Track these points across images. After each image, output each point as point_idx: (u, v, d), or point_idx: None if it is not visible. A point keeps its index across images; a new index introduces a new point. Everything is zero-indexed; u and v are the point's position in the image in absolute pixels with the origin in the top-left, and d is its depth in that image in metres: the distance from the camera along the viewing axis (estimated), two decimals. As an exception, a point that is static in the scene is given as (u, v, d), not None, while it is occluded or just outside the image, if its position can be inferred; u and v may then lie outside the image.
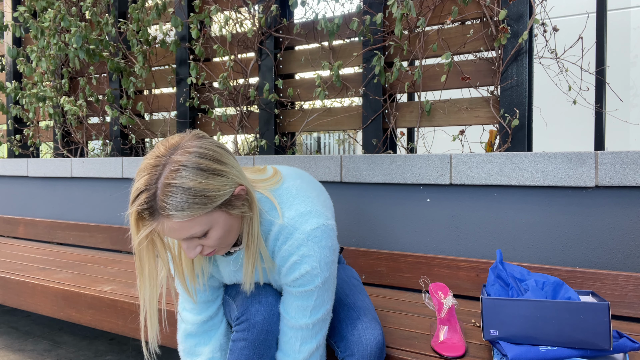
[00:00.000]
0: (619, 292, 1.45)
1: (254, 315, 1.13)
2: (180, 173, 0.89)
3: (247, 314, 1.14)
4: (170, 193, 0.88)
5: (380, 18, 1.96)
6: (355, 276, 1.43)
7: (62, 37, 2.71)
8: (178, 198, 0.88)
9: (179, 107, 2.62)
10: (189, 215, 0.89)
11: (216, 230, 0.96)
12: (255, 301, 1.15)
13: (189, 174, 0.89)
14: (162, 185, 0.88)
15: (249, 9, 2.34)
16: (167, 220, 0.89)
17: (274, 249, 1.07)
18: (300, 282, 1.06)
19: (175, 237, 0.93)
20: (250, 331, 1.12)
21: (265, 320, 1.13)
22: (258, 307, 1.14)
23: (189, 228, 0.91)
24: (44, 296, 1.89)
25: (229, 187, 0.94)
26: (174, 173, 0.88)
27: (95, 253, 2.57)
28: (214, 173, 0.92)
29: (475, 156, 1.69)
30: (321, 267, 1.04)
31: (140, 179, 0.89)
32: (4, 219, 3.13)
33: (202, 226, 0.93)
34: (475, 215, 1.73)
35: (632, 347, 1.10)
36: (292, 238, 1.04)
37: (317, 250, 1.03)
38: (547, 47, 1.88)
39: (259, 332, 1.12)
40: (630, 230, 1.49)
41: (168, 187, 0.88)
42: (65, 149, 3.13)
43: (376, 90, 2.09)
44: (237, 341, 1.14)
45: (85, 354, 2.19)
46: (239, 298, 1.20)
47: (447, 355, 1.18)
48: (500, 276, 1.32)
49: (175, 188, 0.88)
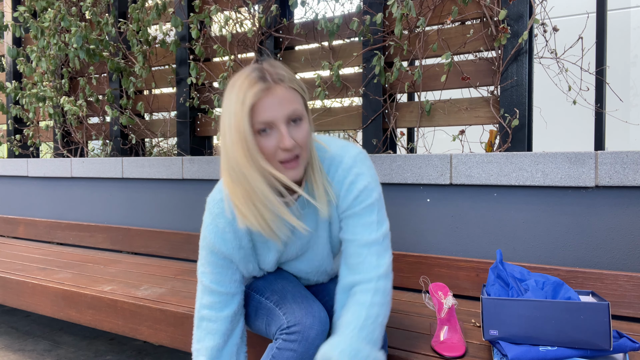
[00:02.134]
0: (619, 292, 1.45)
1: (309, 329, 1.11)
2: (274, 60, 1.06)
3: (300, 326, 1.11)
4: (276, 66, 1.03)
5: (380, 18, 1.96)
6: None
7: (62, 37, 2.71)
8: (283, 71, 1.03)
9: (179, 107, 2.62)
10: (295, 84, 1.03)
11: (306, 124, 1.04)
12: (310, 314, 1.13)
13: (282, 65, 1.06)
14: (267, 65, 1.03)
15: (249, 9, 2.34)
16: (279, 86, 1.00)
17: (330, 179, 1.13)
18: (361, 198, 1.12)
19: (281, 112, 1.00)
20: (301, 343, 1.10)
21: (318, 335, 1.11)
22: (313, 321, 1.12)
23: (293, 100, 1.01)
24: (44, 296, 1.89)
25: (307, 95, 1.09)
26: (272, 61, 1.06)
27: (95, 253, 2.57)
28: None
29: (475, 156, 1.69)
30: (374, 182, 1.14)
31: (242, 73, 1.03)
32: (4, 219, 3.13)
33: (300, 106, 1.03)
34: (475, 215, 1.73)
35: (632, 347, 1.10)
36: (342, 163, 1.12)
37: (365, 169, 1.13)
38: (547, 47, 1.88)
39: (310, 346, 1.10)
40: (630, 230, 1.49)
41: (272, 65, 1.03)
42: (65, 149, 3.13)
43: (376, 90, 2.09)
44: (284, 350, 1.11)
45: (85, 354, 2.19)
46: (286, 306, 1.16)
47: (447, 355, 1.18)
48: (500, 276, 1.32)
49: (278, 64, 1.04)
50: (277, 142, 1.01)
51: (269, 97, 0.99)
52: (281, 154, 1.01)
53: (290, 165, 1.02)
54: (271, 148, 1.01)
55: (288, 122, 1.01)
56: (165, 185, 2.49)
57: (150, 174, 2.49)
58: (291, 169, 1.03)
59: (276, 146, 1.01)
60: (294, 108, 1.01)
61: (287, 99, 1.01)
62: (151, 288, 1.83)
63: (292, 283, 1.26)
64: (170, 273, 2.08)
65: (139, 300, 1.67)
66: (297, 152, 1.02)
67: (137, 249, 2.51)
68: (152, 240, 2.45)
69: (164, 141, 2.93)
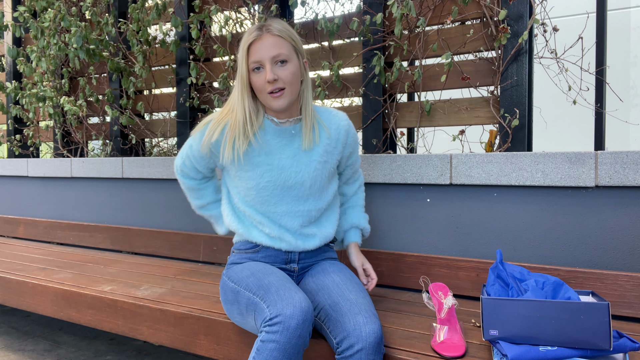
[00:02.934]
0: (619, 292, 1.45)
1: (289, 318, 1.13)
2: (279, 19, 1.37)
3: (281, 316, 1.13)
4: (274, 22, 1.34)
5: (380, 18, 1.96)
6: (355, 277, 1.45)
7: (62, 37, 2.71)
8: (279, 25, 1.33)
9: (179, 107, 2.62)
10: (283, 34, 1.31)
11: (291, 66, 1.32)
12: (290, 305, 1.15)
13: (285, 23, 1.37)
14: (268, 21, 1.34)
15: (249, 9, 2.34)
16: (269, 34, 1.31)
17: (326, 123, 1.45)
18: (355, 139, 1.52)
19: (267, 53, 1.29)
20: (283, 334, 1.12)
21: (299, 325, 1.13)
22: (293, 310, 1.14)
23: (279, 45, 1.30)
24: (44, 296, 1.89)
25: (302, 49, 1.38)
26: (276, 19, 1.36)
27: (95, 253, 2.57)
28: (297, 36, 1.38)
29: (475, 156, 1.69)
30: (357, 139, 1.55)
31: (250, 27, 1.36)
32: (4, 219, 3.14)
33: (287, 51, 1.31)
34: (475, 215, 1.73)
35: (632, 347, 1.10)
36: (338, 116, 1.49)
37: (354, 128, 1.53)
38: (547, 47, 1.88)
39: (292, 336, 1.12)
40: (630, 230, 1.49)
41: (273, 21, 1.34)
42: (65, 149, 3.13)
43: (376, 90, 2.09)
44: (266, 342, 1.13)
45: (85, 354, 2.19)
46: (270, 299, 1.20)
47: (447, 355, 1.18)
48: (500, 276, 1.32)
49: (278, 21, 1.35)
50: (264, 78, 1.30)
51: (260, 42, 1.31)
52: (267, 86, 1.31)
53: (275, 96, 1.32)
54: (260, 82, 1.32)
55: (274, 62, 1.31)
56: (165, 185, 2.49)
57: (150, 174, 2.49)
58: (275, 98, 1.32)
59: (264, 81, 1.31)
60: (279, 52, 1.30)
61: (275, 44, 1.30)
62: (151, 288, 1.83)
63: (278, 277, 1.30)
64: (170, 273, 2.08)
65: (139, 300, 1.67)
66: (280, 85, 1.31)
67: (137, 249, 2.51)
68: (152, 240, 2.45)
69: (164, 141, 2.93)
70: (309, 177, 1.41)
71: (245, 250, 1.48)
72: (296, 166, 1.40)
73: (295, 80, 1.33)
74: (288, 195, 1.42)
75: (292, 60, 1.33)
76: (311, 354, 1.33)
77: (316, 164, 1.42)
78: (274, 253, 1.45)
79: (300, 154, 1.42)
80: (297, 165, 1.41)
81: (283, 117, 1.41)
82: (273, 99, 1.32)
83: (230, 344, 1.46)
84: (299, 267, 1.47)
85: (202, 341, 1.51)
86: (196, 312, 1.53)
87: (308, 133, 1.40)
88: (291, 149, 1.41)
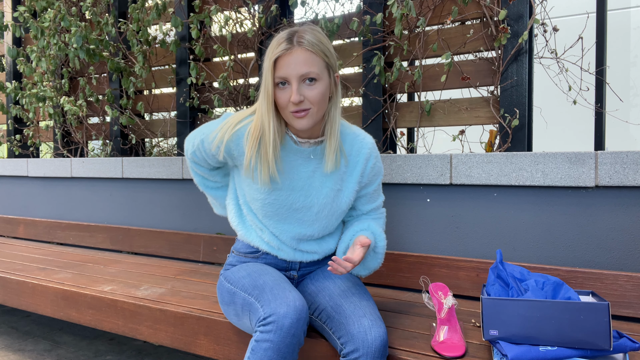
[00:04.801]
0: (619, 292, 1.45)
1: (283, 318, 1.12)
2: (313, 27, 1.25)
3: (275, 316, 1.13)
4: (307, 31, 1.21)
5: (380, 18, 1.96)
6: (357, 278, 1.46)
7: (62, 37, 2.71)
8: (311, 37, 1.20)
9: (179, 107, 2.62)
10: (315, 48, 1.19)
11: (320, 85, 1.21)
12: (284, 304, 1.15)
13: (318, 31, 1.24)
14: (301, 29, 1.22)
15: (249, 9, 2.34)
16: (300, 48, 1.19)
17: (349, 147, 1.36)
18: (376, 170, 1.39)
19: (295, 70, 1.18)
20: (276, 333, 1.11)
21: (293, 324, 1.13)
22: (287, 310, 1.13)
23: (310, 63, 1.19)
24: (44, 296, 1.89)
25: (335, 62, 1.26)
26: (308, 27, 1.24)
27: (95, 253, 2.57)
28: (331, 46, 1.26)
29: (475, 156, 1.69)
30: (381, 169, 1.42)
31: (280, 33, 1.23)
32: (4, 219, 3.13)
33: (317, 69, 1.20)
34: (475, 215, 1.73)
35: (632, 347, 1.10)
36: (362, 140, 1.37)
37: (378, 157, 1.41)
38: (547, 47, 1.88)
39: (286, 335, 1.12)
40: (630, 230, 1.49)
41: (306, 29, 1.22)
42: (65, 149, 3.13)
43: (376, 90, 2.09)
44: (260, 342, 1.13)
45: (85, 354, 2.19)
46: (264, 299, 1.19)
47: (447, 355, 1.18)
48: (500, 276, 1.32)
49: (310, 30, 1.22)
50: (289, 96, 1.20)
51: (288, 56, 1.19)
52: (291, 106, 1.21)
53: (298, 115, 1.21)
54: (284, 100, 1.21)
55: (302, 80, 1.20)
56: (165, 185, 2.49)
57: (150, 174, 2.49)
58: (299, 118, 1.22)
59: (288, 99, 1.20)
60: (309, 70, 1.18)
61: (304, 61, 1.18)
62: (151, 288, 1.83)
63: (273, 277, 1.29)
64: (170, 273, 2.08)
65: (139, 300, 1.67)
66: (306, 106, 1.21)
67: (137, 249, 2.51)
68: (152, 240, 2.45)
69: (164, 141, 2.93)
70: (317, 203, 1.33)
71: (245, 254, 1.46)
72: (307, 190, 1.33)
73: (323, 100, 1.23)
74: (293, 217, 1.35)
75: (322, 79, 1.21)
76: (311, 354, 1.33)
77: (328, 191, 1.33)
78: (273, 261, 1.43)
79: (314, 177, 1.33)
80: (308, 189, 1.33)
81: (304, 136, 1.31)
82: (296, 119, 1.22)
83: (230, 344, 1.46)
84: (298, 274, 1.46)
85: (202, 341, 1.51)
86: (196, 312, 1.53)
87: (331, 155, 1.29)
88: (306, 170, 1.33)
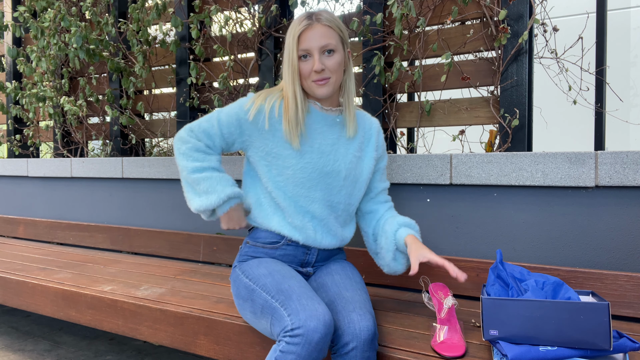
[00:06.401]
0: (619, 292, 1.45)
1: (312, 332, 1.11)
2: (327, 10, 1.42)
3: (304, 329, 1.11)
4: (323, 12, 1.38)
5: (380, 18, 1.96)
6: (358, 274, 1.47)
7: (62, 37, 2.71)
8: (328, 15, 1.38)
9: (179, 107, 2.62)
10: (332, 24, 1.36)
11: (338, 56, 1.37)
12: (314, 317, 1.13)
13: (332, 13, 1.41)
14: (319, 11, 1.39)
15: (249, 9, 2.34)
16: (319, 23, 1.35)
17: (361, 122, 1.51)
18: (383, 147, 1.56)
19: (316, 42, 1.34)
20: (304, 347, 1.10)
21: (321, 339, 1.12)
22: (317, 324, 1.12)
23: (328, 36, 1.35)
24: (44, 296, 1.89)
25: (347, 39, 1.42)
26: (322, 9, 1.41)
27: (95, 253, 2.57)
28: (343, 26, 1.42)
29: (475, 156, 1.69)
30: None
31: (299, 16, 1.39)
32: (4, 219, 3.13)
33: (334, 41, 1.36)
34: (475, 215, 1.73)
35: (632, 347, 1.10)
36: (369, 117, 1.56)
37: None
38: (547, 47, 1.88)
39: (313, 350, 1.11)
40: (630, 230, 1.49)
41: (322, 11, 1.39)
42: (65, 149, 3.13)
43: (376, 90, 2.09)
44: (286, 353, 1.11)
45: (85, 354, 2.19)
46: (291, 307, 1.17)
47: (447, 355, 1.18)
48: (500, 276, 1.32)
49: (326, 11, 1.40)
50: (312, 66, 1.35)
51: (310, 31, 1.34)
52: (314, 75, 1.36)
53: (320, 83, 1.36)
54: (307, 70, 1.36)
55: (322, 51, 1.35)
56: (165, 185, 2.49)
57: (150, 174, 2.49)
58: (320, 86, 1.37)
59: (311, 69, 1.35)
60: (327, 42, 1.34)
61: (324, 34, 1.34)
62: (151, 288, 1.83)
63: (299, 283, 1.27)
64: (170, 273, 2.08)
65: (139, 300, 1.67)
66: (326, 75, 1.36)
67: (137, 249, 2.51)
68: (152, 240, 2.45)
69: (164, 141, 2.93)
70: (345, 168, 1.43)
71: (262, 244, 1.45)
72: (334, 154, 1.43)
73: (339, 69, 1.38)
74: (323, 182, 1.41)
75: (338, 50, 1.37)
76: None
77: (352, 157, 1.45)
78: (292, 252, 1.44)
79: (339, 143, 1.44)
80: (336, 154, 1.43)
81: (327, 104, 1.44)
82: (318, 87, 1.37)
83: (230, 344, 1.46)
84: (313, 270, 1.48)
85: (202, 341, 1.51)
86: (196, 312, 1.53)
87: (352, 122, 1.44)
88: (331, 136, 1.44)
